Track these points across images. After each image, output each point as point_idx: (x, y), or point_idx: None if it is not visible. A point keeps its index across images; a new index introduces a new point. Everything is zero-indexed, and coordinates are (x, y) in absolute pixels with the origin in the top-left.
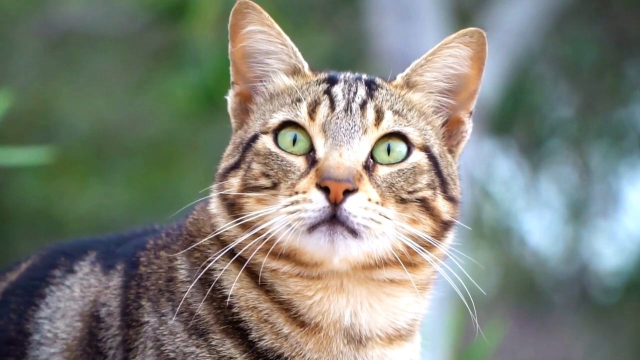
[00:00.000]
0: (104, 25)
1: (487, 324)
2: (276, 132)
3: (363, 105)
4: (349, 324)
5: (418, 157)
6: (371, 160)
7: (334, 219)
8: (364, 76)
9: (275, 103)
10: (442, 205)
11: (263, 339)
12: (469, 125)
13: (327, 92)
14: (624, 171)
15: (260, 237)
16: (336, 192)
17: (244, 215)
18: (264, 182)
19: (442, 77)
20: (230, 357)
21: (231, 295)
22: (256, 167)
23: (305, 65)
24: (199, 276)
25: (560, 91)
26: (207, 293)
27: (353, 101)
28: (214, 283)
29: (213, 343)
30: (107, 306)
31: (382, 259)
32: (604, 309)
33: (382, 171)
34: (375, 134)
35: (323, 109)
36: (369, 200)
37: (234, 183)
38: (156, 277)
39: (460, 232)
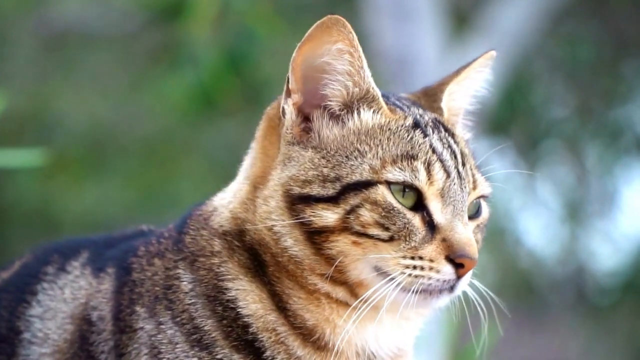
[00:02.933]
0: (101, 25)
1: (483, 324)
2: (390, 184)
3: (464, 166)
4: (370, 349)
5: (487, 209)
6: None
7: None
8: (434, 116)
9: (373, 146)
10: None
11: (275, 358)
12: None
13: (433, 149)
14: (621, 171)
15: (345, 272)
16: (469, 269)
17: (329, 247)
18: (377, 232)
19: (473, 101)
20: None
21: (248, 315)
22: (368, 215)
23: (379, 92)
24: (206, 292)
25: (557, 91)
26: (217, 311)
27: (457, 161)
28: (221, 297)
29: (219, 356)
30: (99, 310)
31: None
32: (601, 310)
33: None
34: (472, 196)
35: (439, 173)
36: None
37: (327, 216)
38: (151, 283)
39: None
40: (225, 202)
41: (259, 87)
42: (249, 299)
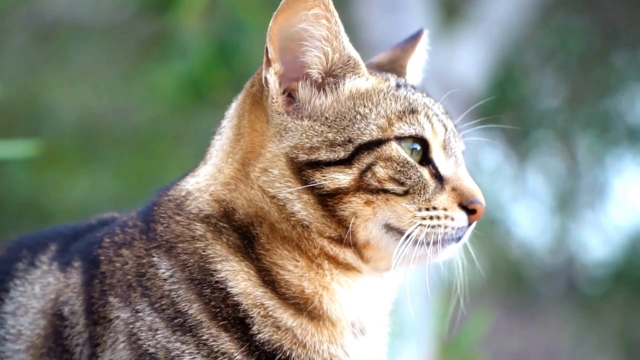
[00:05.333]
0: (91, 16)
1: (473, 314)
2: (400, 139)
3: (451, 121)
4: (363, 318)
5: None
6: None
7: None
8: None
9: (372, 107)
10: None
11: (262, 332)
12: None
13: (425, 104)
14: (611, 162)
15: (355, 233)
16: (479, 215)
17: (342, 208)
18: (393, 186)
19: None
20: (224, 352)
21: (238, 294)
22: (383, 172)
23: (359, 58)
24: (190, 277)
25: (547, 82)
26: (204, 293)
27: (447, 117)
28: (209, 279)
29: (204, 337)
30: (70, 305)
31: None
32: (591, 300)
33: None
34: None
35: (438, 125)
36: None
37: (341, 178)
38: (122, 273)
39: None
40: (202, 185)
41: (249, 78)
42: (239, 278)
